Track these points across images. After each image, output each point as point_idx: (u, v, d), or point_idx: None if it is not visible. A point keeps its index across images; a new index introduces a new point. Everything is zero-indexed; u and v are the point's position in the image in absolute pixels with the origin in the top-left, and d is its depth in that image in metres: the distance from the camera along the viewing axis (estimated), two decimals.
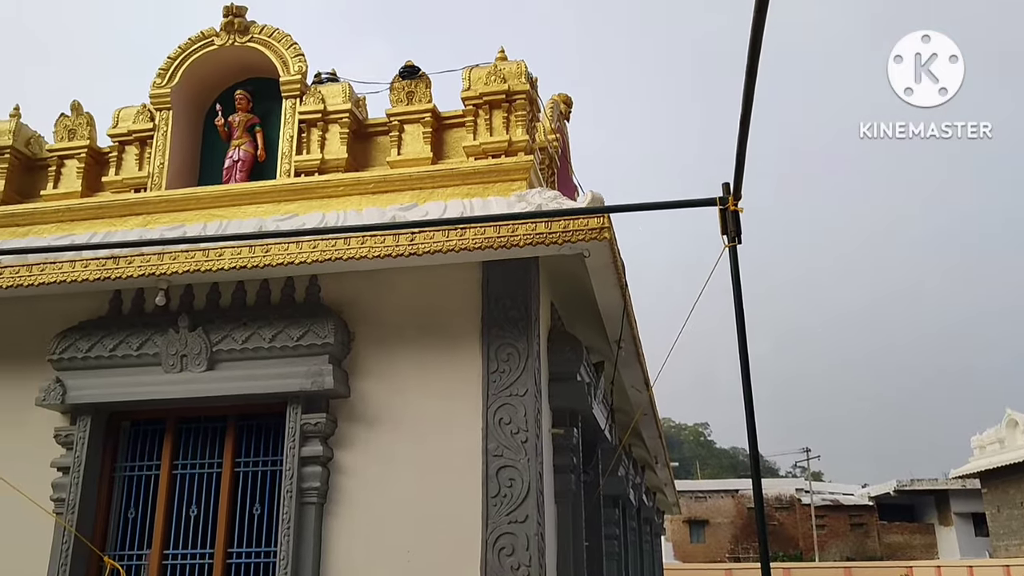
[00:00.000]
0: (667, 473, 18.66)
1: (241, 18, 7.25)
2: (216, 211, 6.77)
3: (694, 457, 73.84)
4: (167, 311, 6.41)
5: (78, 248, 6.09)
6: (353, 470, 6.02)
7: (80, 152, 7.41)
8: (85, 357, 6.37)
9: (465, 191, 6.44)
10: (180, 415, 6.49)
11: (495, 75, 6.74)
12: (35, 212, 7.11)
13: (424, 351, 6.18)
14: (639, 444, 13.78)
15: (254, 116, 7.34)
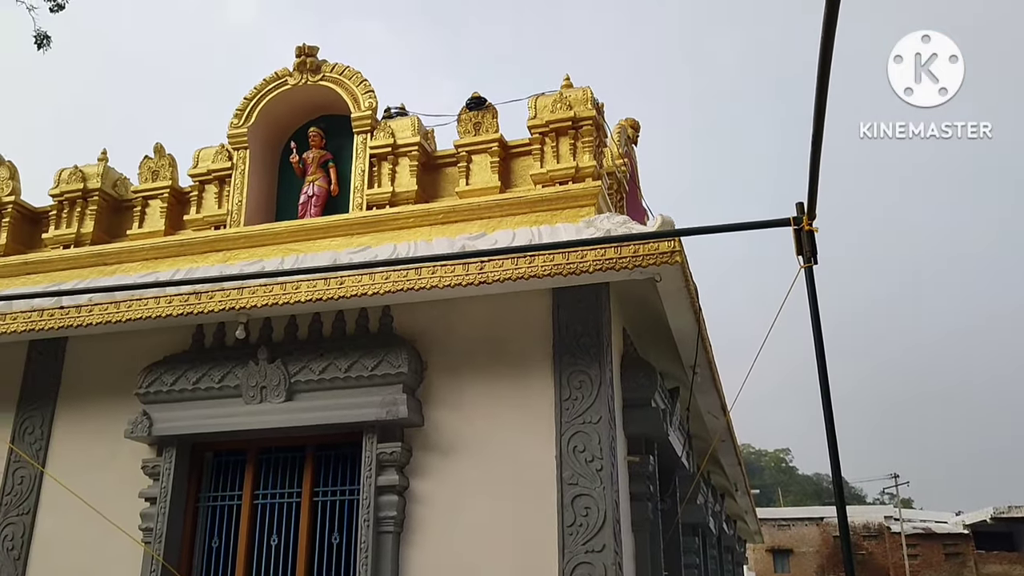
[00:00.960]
0: (748, 501, 18.19)
1: (313, 57, 7.47)
2: (292, 245, 6.95)
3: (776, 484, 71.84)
4: (247, 344, 6.58)
5: (162, 285, 6.31)
6: (428, 499, 6.04)
7: (163, 192, 7.70)
8: (170, 390, 6.57)
9: (533, 219, 6.47)
10: (260, 445, 6.63)
11: (561, 102, 6.77)
12: (122, 251, 7.41)
13: (496, 379, 6.20)
14: (718, 471, 13.49)
15: (327, 152, 7.54)
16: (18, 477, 6.93)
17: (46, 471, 6.80)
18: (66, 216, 7.76)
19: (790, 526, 46.77)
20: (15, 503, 6.85)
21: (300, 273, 6.07)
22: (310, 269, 6.01)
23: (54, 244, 7.71)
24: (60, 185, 7.84)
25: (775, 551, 46.21)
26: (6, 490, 6.92)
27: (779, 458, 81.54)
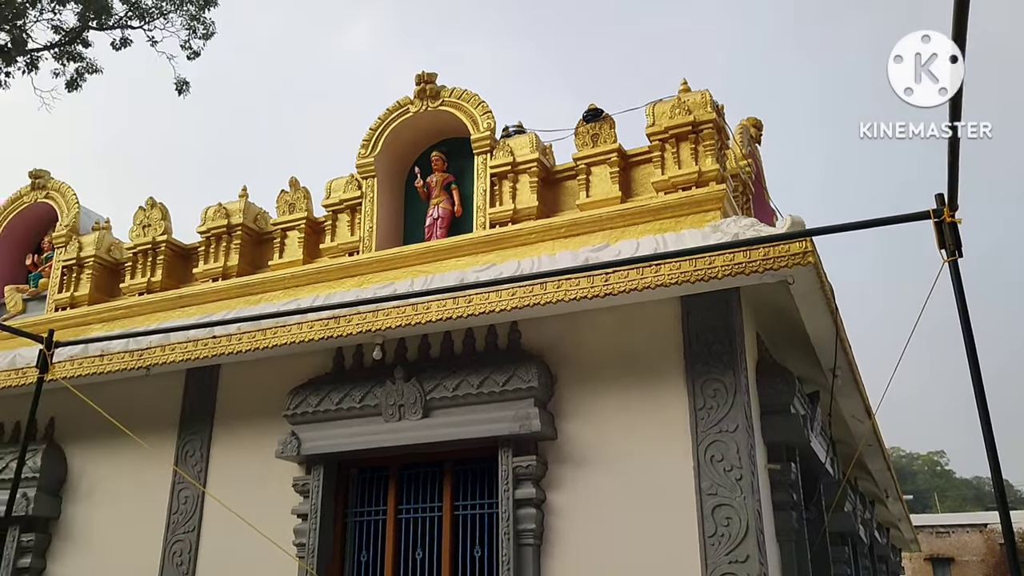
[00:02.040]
0: (900, 507, 17.26)
1: (432, 84, 7.70)
2: (421, 267, 7.16)
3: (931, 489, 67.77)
4: (384, 364, 6.82)
5: (303, 311, 6.62)
6: (566, 511, 6.08)
7: (299, 223, 8.10)
8: (315, 411, 6.89)
9: (657, 227, 6.42)
10: (401, 462, 6.85)
11: (679, 107, 6.71)
12: (265, 281, 7.83)
13: (627, 389, 6.17)
14: (866, 477, 12.88)
15: (449, 175, 7.74)
16: (183, 497, 7.43)
17: (207, 491, 7.25)
18: (213, 251, 8.28)
19: (949, 533, 44.00)
20: (182, 521, 7.34)
21: (430, 294, 6.24)
22: (439, 289, 6.17)
23: (204, 278, 8.24)
24: (206, 222, 8.37)
25: (935, 560, 43.57)
26: (173, 509, 7.43)
27: (933, 461, 76.90)
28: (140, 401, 7.78)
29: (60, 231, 9.00)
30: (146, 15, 21.14)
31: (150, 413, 7.75)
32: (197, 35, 21.54)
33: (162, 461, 7.51)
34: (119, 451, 7.73)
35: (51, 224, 9.34)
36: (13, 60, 21.12)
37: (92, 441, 7.95)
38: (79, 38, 21.44)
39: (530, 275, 5.97)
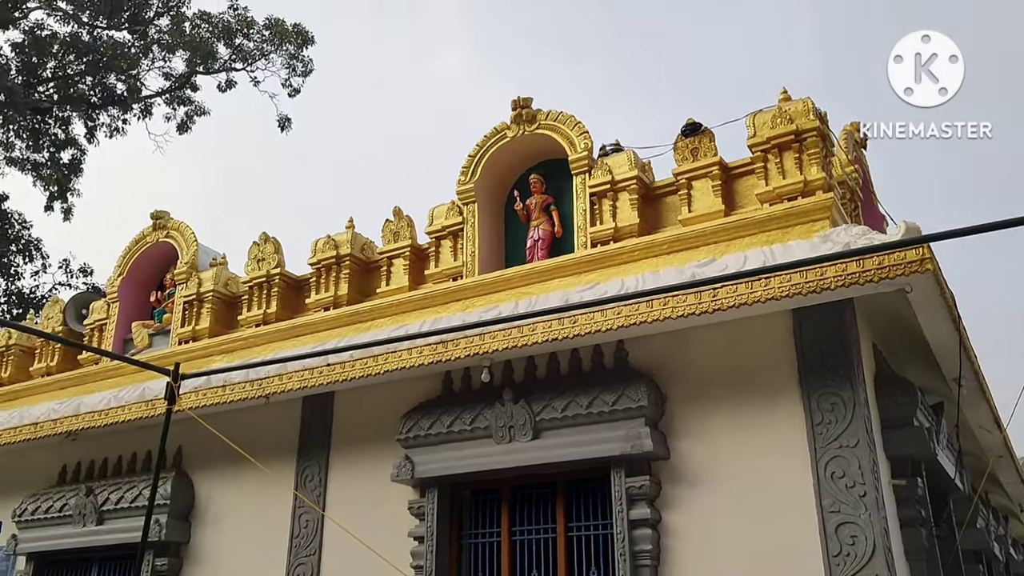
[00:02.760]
0: None
1: (528, 108, 7.79)
2: (524, 289, 7.22)
3: None
4: (492, 386, 6.90)
5: (412, 337, 6.78)
6: (682, 531, 5.99)
7: (404, 251, 8.30)
8: (427, 435, 7.02)
9: (763, 239, 6.30)
10: (513, 483, 6.89)
11: (780, 117, 6.58)
12: (374, 308, 8.05)
13: (740, 406, 6.06)
14: (997, 491, 12.20)
15: (549, 196, 7.80)
16: (303, 521, 7.67)
17: (326, 514, 7.47)
18: (324, 281, 8.57)
19: None
20: (303, 545, 7.58)
21: (535, 315, 6.29)
22: (544, 311, 6.21)
23: (316, 307, 8.53)
24: (316, 254, 8.68)
25: None
26: (295, 533, 7.68)
27: None
28: (260, 428, 8.09)
29: (181, 268, 9.49)
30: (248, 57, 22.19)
31: (270, 440, 8.05)
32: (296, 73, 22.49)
33: (283, 486, 7.78)
34: (242, 477, 8.05)
35: (172, 262, 9.85)
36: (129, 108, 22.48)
37: (217, 468, 8.31)
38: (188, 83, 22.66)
39: (636, 293, 5.96)
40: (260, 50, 21.99)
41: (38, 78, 21.38)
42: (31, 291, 21.63)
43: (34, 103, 20.90)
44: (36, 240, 21.59)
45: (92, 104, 21.89)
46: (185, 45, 21.26)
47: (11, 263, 21.32)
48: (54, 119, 21.81)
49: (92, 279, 22.05)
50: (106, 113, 22.17)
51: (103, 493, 8.65)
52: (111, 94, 21.98)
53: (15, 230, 21.42)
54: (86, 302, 10.39)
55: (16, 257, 21.43)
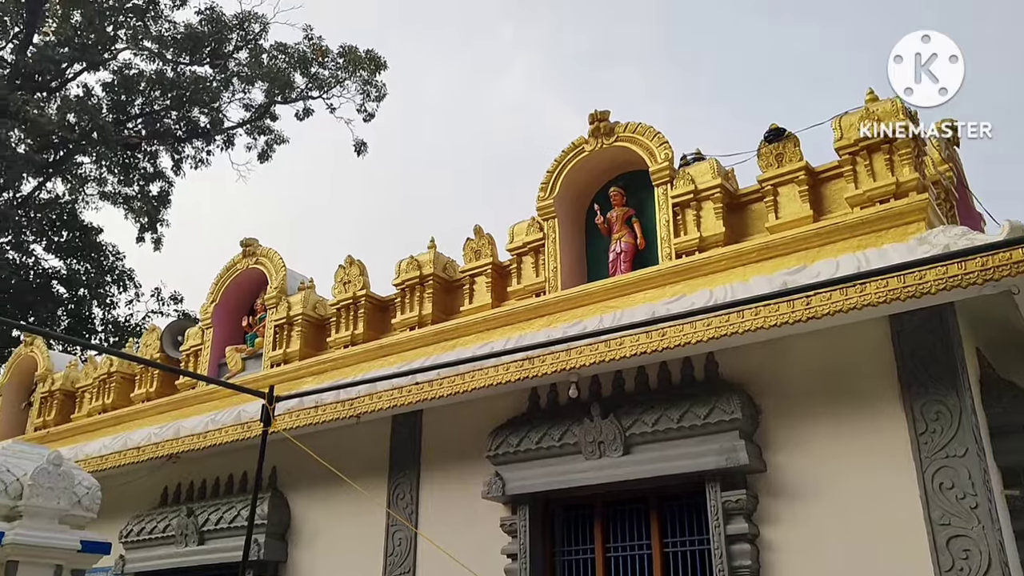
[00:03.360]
0: None
1: (606, 121, 7.77)
2: (609, 303, 7.19)
3: None
4: (579, 402, 6.87)
5: (498, 355, 6.81)
6: (783, 546, 5.85)
7: (486, 269, 8.36)
8: (516, 451, 7.03)
9: (856, 244, 6.14)
10: (605, 499, 6.84)
11: (868, 118, 6.41)
12: (458, 327, 8.12)
13: (838, 416, 5.90)
14: None
15: (629, 208, 7.76)
16: (397, 539, 7.76)
17: (419, 532, 7.54)
18: (408, 301, 8.69)
19: None
20: (397, 563, 7.66)
21: (622, 330, 6.25)
22: (631, 325, 6.17)
23: (401, 327, 8.65)
24: (400, 275, 8.81)
25: None
26: (388, 551, 7.77)
27: None
28: (352, 447, 8.23)
29: (270, 293, 9.76)
30: (324, 85, 22.81)
31: (362, 458, 8.18)
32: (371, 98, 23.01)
33: (375, 504, 7.89)
34: (336, 496, 8.20)
35: (262, 287, 10.13)
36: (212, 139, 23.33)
37: (311, 488, 8.49)
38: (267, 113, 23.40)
39: (726, 304, 5.86)
40: (335, 77, 22.58)
41: (127, 115, 22.39)
42: (126, 319, 22.54)
43: (124, 139, 21.87)
44: (129, 270, 22.52)
45: (178, 138, 22.79)
46: (263, 76, 21.98)
47: (107, 293, 22.26)
48: (143, 154, 22.77)
49: (182, 306, 22.89)
50: (191, 146, 23.06)
51: (203, 514, 8.92)
52: (195, 127, 22.86)
53: (109, 261, 22.38)
54: (181, 329, 10.77)
55: (111, 287, 22.37)
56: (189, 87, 21.90)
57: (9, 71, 20.46)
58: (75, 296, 21.75)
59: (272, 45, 22.53)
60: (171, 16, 22.45)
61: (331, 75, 22.66)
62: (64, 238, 22.04)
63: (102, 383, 11.16)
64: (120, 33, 22.24)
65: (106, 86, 22.34)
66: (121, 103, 22.22)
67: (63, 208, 22.19)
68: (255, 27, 22.37)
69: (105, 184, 22.75)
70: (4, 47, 21.42)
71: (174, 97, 22.14)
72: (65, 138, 20.53)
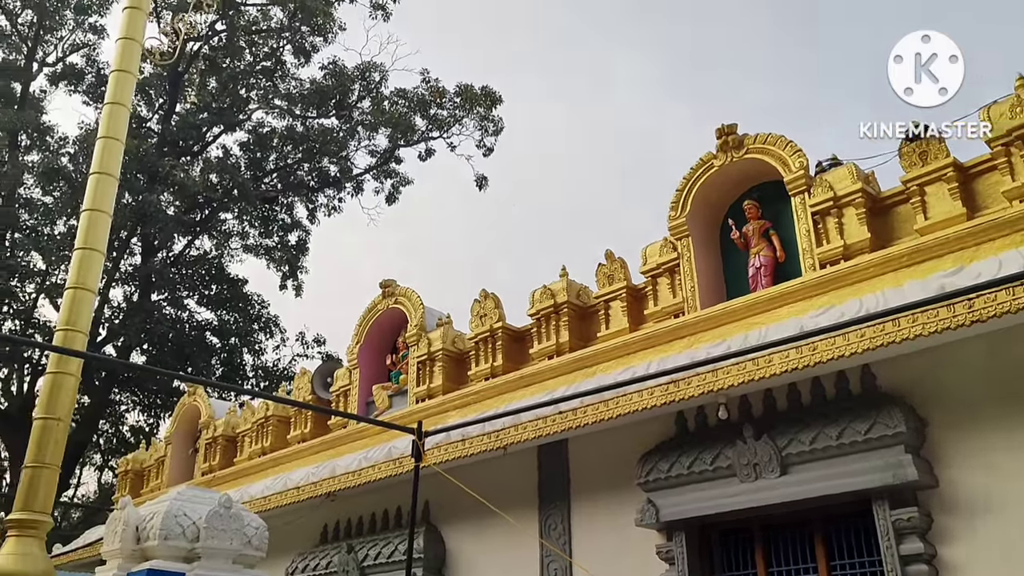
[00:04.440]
0: None
1: (734, 135, 7.64)
2: (752, 319, 7.01)
3: None
4: (729, 423, 6.71)
5: (641, 379, 6.74)
6: (965, 567, 5.49)
7: (620, 293, 8.33)
8: (667, 476, 6.92)
9: (1018, 239, 5.74)
10: (764, 522, 6.63)
11: (1020, 106, 6.03)
12: (597, 353, 8.10)
13: (1014, 425, 5.51)
14: None
15: (766, 221, 7.57)
16: (552, 569, 7.76)
17: (574, 561, 7.52)
18: (544, 331, 8.76)
19: None
20: None
21: (770, 346, 6.07)
22: (779, 341, 5.98)
23: (540, 357, 8.71)
24: (535, 304, 8.89)
25: None
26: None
27: None
28: (500, 479, 8.32)
29: (411, 331, 10.05)
30: (443, 125, 23.44)
31: (510, 490, 8.25)
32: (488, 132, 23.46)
33: (528, 536, 7.93)
34: (488, 528, 8.29)
35: (402, 325, 10.45)
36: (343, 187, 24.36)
37: (463, 521, 8.62)
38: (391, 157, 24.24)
39: (879, 312, 5.60)
40: (453, 116, 23.18)
41: (263, 171, 23.71)
42: (274, 364, 23.70)
43: (262, 194, 23.15)
44: (274, 317, 23.71)
45: (311, 188, 23.94)
46: (386, 122, 22.81)
47: (255, 340, 23.50)
48: (280, 206, 24.02)
49: (325, 347, 23.86)
50: (323, 194, 24.17)
51: (363, 550, 9.20)
52: (326, 177, 23.95)
53: (256, 310, 23.64)
54: (330, 371, 11.23)
55: (259, 335, 23.60)
56: (318, 139, 22.99)
57: (156, 140, 22.08)
58: (227, 345, 23.07)
59: (392, 92, 23.39)
60: (297, 74, 23.72)
61: (449, 114, 23.27)
62: (213, 291, 23.46)
63: (260, 427, 11.75)
64: (252, 95, 23.65)
65: (242, 145, 23.76)
66: (257, 160, 23.55)
67: (211, 263, 23.63)
68: (375, 76, 23.30)
69: (247, 237, 24.11)
70: (151, 118, 23.16)
71: (305, 150, 23.29)
72: (209, 197, 21.94)
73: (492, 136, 23.36)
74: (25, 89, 22.43)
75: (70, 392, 6.83)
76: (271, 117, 23.78)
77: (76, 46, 23.36)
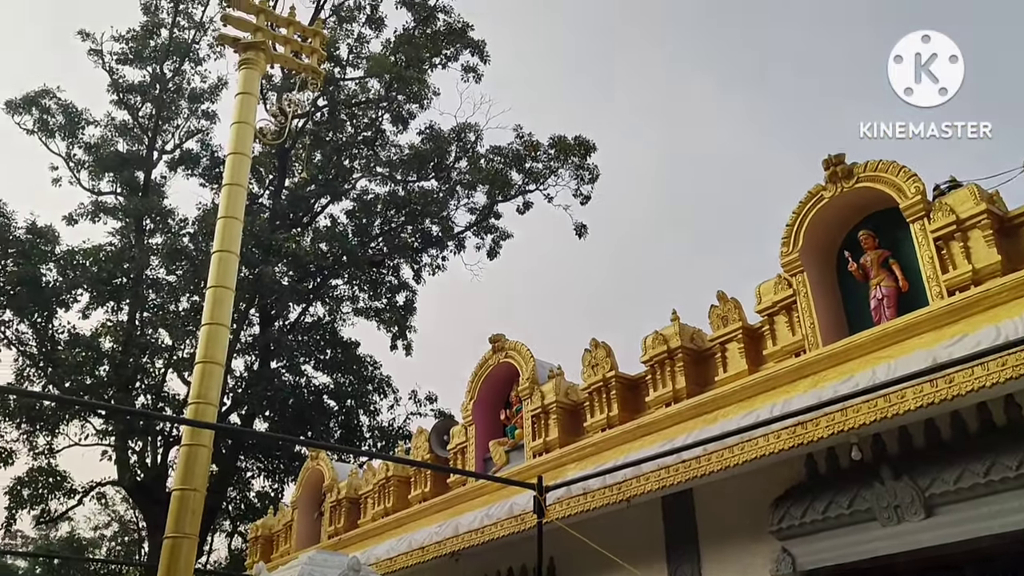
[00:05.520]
0: None
1: (843, 165, 7.42)
2: (879, 353, 6.70)
3: None
4: (864, 464, 6.40)
5: (766, 423, 6.52)
6: None
7: (736, 334, 8.12)
8: (801, 523, 6.64)
9: None
10: (910, 568, 6.26)
11: None
12: (716, 397, 7.90)
13: None
14: None
15: (884, 250, 7.29)
16: None
17: None
18: (660, 377, 8.61)
19: None
20: None
21: (902, 381, 5.77)
22: (913, 375, 5.68)
23: (656, 404, 8.56)
24: (647, 351, 8.77)
25: None
26: None
27: None
28: (624, 532, 8.14)
29: (523, 385, 10.06)
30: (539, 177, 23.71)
31: (636, 542, 8.07)
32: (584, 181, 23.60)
33: None
34: None
35: (513, 379, 10.47)
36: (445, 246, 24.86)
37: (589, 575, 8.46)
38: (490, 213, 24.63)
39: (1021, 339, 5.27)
40: (549, 168, 23.44)
41: (369, 236, 24.47)
42: (389, 424, 24.09)
43: (369, 258, 23.86)
44: (387, 377, 24.17)
45: (415, 249, 24.53)
46: (484, 180, 23.26)
47: (370, 401, 23.99)
48: (387, 269, 24.68)
49: (438, 404, 24.13)
50: (427, 254, 24.70)
51: None
52: (429, 237, 24.52)
53: (369, 372, 24.17)
54: (446, 428, 11.34)
55: (373, 395, 24.09)
56: (419, 201, 23.61)
57: (269, 214, 23.13)
58: (344, 407, 23.63)
59: (488, 149, 23.86)
60: (396, 141, 24.53)
61: (545, 166, 23.53)
62: (328, 355, 24.14)
63: (381, 488, 11.92)
64: (355, 164, 24.56)
65: (348, 213, 24.64)
66: (363, 226, 24.34)
67: (325, 328, 24.39)
68: (471, 136, 23.84)
69: (357, 301, 24.82)
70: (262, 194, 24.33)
71: (407, 213, 23.94)
72: (320, 265, 22.76)
73: (588, 184, 23.46)
74: (147, 177, 23.96)
75: (204, 463, 7.12)
76: (374, 184, 24.62)
77: (191, 132, 24.88)
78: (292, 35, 8.92)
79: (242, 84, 8.23)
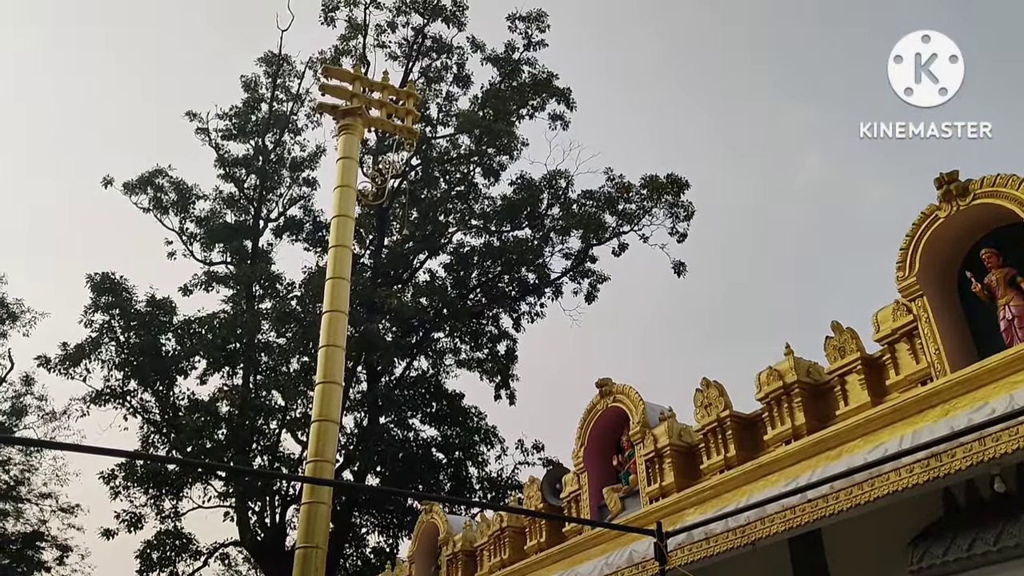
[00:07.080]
0: None
1: (956, 182, 7.12)
2: (1013, 377, 6.33)
3: None
4: (1008, 497, 6.00)
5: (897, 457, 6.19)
6: None
7: (854, 365, 7.81)
8: (943, 562, 6.26)
9: None
10: None
11: None
12: (839, 432, 7.57)
13: None
14: None
15: (1010, 268, 6.91)
16: None
17: None
18: (777, 414, 8.33)
19: None
20: None
21: None
22: None
23: (775, 442, 8.26)
24: (762, 388, 8.51)
25: None
26: None
27: None
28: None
29: (634, 429, 9.89)
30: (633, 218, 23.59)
31: None
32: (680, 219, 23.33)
33: None
34: None
35: (623, 424, 10.32)
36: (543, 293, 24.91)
37: None
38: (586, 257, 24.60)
39: None
40: (642, 208, 23.31)
41: (468, 288, 24.77)
42: (498, 474, 24.04)
43: (469, 310, 24.12)
44: (492, 427, 24.19)
45: (513, 298, 24.67)
46: (577, 224, 23.29)
47: (478, 452, 24.02)
48: (486, 319, 24.86)
49: (545, 453, 23.95)
50: (525, 303, 24.79)
51: None
52: (526, 285, 24.62)
53: (474, 422, 24.26)
54: (557, 477, 11.22)
55: (480, 446, 24.12)
56: (514, 251, 23.79)
57: (370, 273, 23.74)
58: (452, 460, 23.73)
59: (579, 194, 23.92)
60: (488, 193, 24.89)
61: (638, 207, 23.40)
62: (434, 408, 24.37)
63: (496, 539, 11.86)
64: (450, 219, 25.01)
65: (446, 267, 25.04)
66: (461, 279, 24.68)
67: (429, 382, 24.67)
68: (561, 183, 23.98)
69: (459, 353, 25.03)
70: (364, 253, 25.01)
71: (503, 262, 24.15)
72: (422, 319, 23.14)
73: (684, 221, 23.18)
74: (255, 245, 25.03)
75: (324, 519, 7.25)
76: (469, 236, 24.98)
77: (294, 199, 25.92)
78: (386, 98, 9.24)
79: (343, 149, 8.55)
